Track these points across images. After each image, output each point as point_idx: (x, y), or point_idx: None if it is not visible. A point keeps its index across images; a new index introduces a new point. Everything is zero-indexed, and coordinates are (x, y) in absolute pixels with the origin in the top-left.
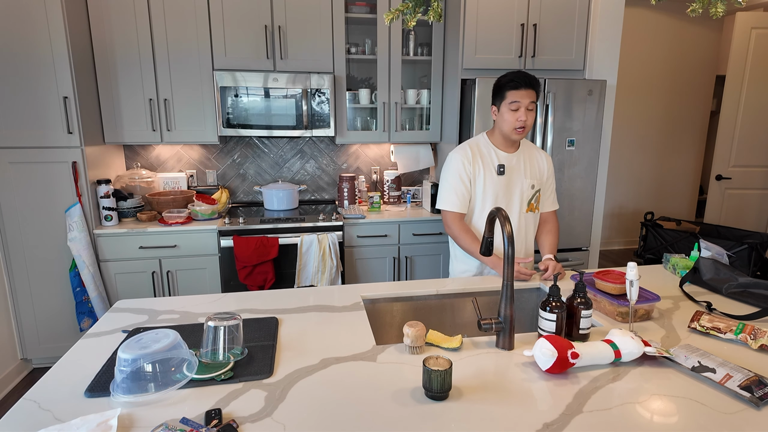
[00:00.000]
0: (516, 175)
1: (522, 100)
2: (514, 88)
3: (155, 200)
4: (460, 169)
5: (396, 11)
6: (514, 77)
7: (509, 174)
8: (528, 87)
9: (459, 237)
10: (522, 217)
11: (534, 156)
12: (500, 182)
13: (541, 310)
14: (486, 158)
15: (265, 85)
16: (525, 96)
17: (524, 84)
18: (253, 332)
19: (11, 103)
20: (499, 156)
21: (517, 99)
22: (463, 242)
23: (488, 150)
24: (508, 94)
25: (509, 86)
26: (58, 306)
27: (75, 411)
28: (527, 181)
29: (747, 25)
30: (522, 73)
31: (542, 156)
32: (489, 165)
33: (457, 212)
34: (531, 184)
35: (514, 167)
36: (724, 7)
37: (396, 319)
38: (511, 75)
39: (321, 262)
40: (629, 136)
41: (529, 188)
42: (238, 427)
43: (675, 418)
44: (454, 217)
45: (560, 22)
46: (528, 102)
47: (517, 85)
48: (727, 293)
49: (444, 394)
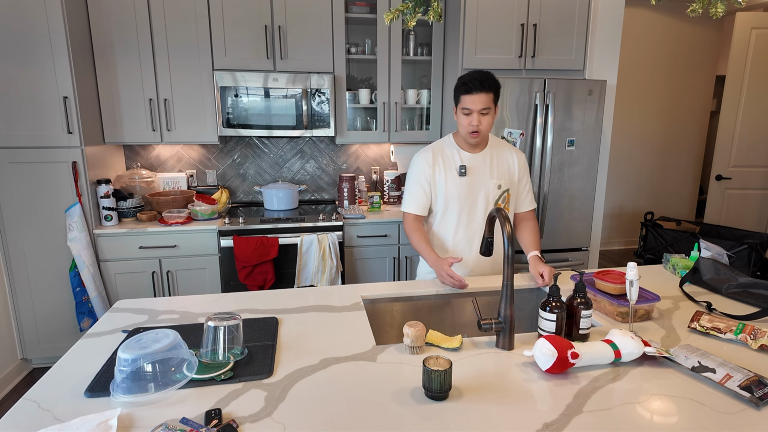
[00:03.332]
0: (480, 175)
1: (473, 106)
2: (466, 93)
3: (155, 200)
4: (419, 174)
5: (396, 11)
6: (468, 80)
7: (472, 175)
8: (481, 91)
9: (409, 236)
10: None
11: (503, 155)
12: (462, 183)
13: (541, 310)
14: (448, 160)
15: (265, 85)
16: (477, 101)
17: (477, 88)
18: (253, 332)
19: (11, 103)
20: (462, 157)
21: (468, 105)
22: (412, 240)
23: (452, 151)
24: (461, 98)
25: (462, 90)
26: (58, 306)
27: (75, 411)
28: (493, 181)
29: (747, 25)
30: (477, 75)
31: (513, 154)
32: (451, 167)
33: (414, 214)
34: (497, 185)
35: (478, 167)
36: (724, 7)
37: (396, 319)
38: (466, 77)
39: (321, 262)
40: (629, 136)
41: (495, 188)
42: (238, 427)
43: (675, 418)
44: (410, 219)
45: (560, 22)
46: (480, 107)
47: (469, 90)
48: (727, 293)
49: (444, 394)
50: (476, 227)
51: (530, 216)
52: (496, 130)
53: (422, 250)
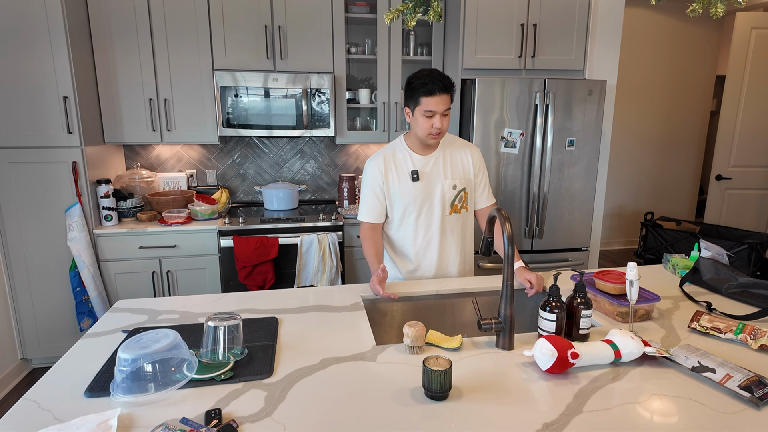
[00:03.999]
0: (433, 177)
1: (437, 108)
2: (428, 94)
3: (155, 200)
4: (372, 182)
5: (396, 11)
6: (429, 81)
7: (425, 178)
8: (443, 92)
9: (362, 243)
10: (445, 221)
11: (456, 153)
12: (417, 188)
13: (541, 310)
14: (400, 165)
15: (265, 85)
16: (440, 103)
17: (439, 89)
18: (253, 332)
19: (11, 103)
20: (414, 161)
21: (431, 108)
22: (363, 248)
23: (403, 155)
24: (422, 100)
25: (423, 91)
26: (58, 306)
27: (75, 411)
28: (447, 181)
29: (747, 25)
30: (437, 75)
31: (467, 151)
32: (403, 172)
33: (369, 223)
34: (452, 185)
35: (430, 170)
36: (724, 7)
37: (396, 319)
38: (425, 77)
39: (321, 262)
40: (629, 136)
41: (450, 189)
42: (238, 427)
43: (675, 418)
44: (365, 227)
45: (560, 22)
46: (443, 109)
47: (431, 91)
48: (727, 293)
49: (444, 394)
50: (434, 230)
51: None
52: (495, 130)
53: (370, 261)
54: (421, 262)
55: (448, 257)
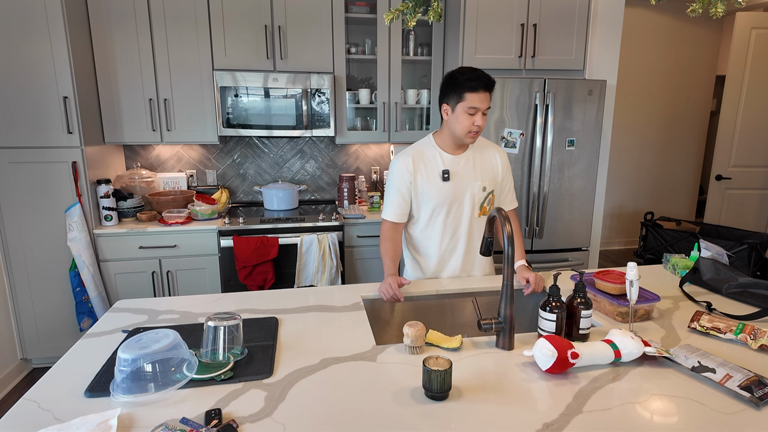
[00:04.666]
0: (464, 178)
1: (481, 105)
2: (474, 90)
3: (155, 200)
4: (399, 181)
5: (396, 11)
6: (475, 77)
7: (456, 178)
8: (487, 90)
9: (381, 243)
10: (473, 223)
11: (485, 154)
12: (447, 188)
13: (541, 310)
14: (430, 164)
15: (265, 85)
16: (485, 100)
17: (484, 86)
18: (253, 332)
19: (11, 103)
20: (445, 160)
21: (476, 104)
22: (381, 248)
23: (433, 155)
24: (467, 96)
25: (469, 87)
26: (58, 306)
27: (75, 411)
28: (477, 183)
29: (747, 25)
30: (481, 73)
31: (495, 153)
32: (433, 172)
33: (391, 222)
34: (482, 186)
35: (461, 170)
36: (724, 7)
37: (396, 319)
38: (469, 73)
39: (321, 262)
40: (629, 136)
41: (480, 191)
42: (238, 427)
43: (675, 418)
44: (386, 226)
45: (560, 22)
46: (486, 107)
47: (477, 87)
48: (727, 293)
49: (444, 394)
50: (462, 232)
51: (512, 216)
52: (495, 130)
53: (385, 261)
54: (446, 263)
55: (474, 259)
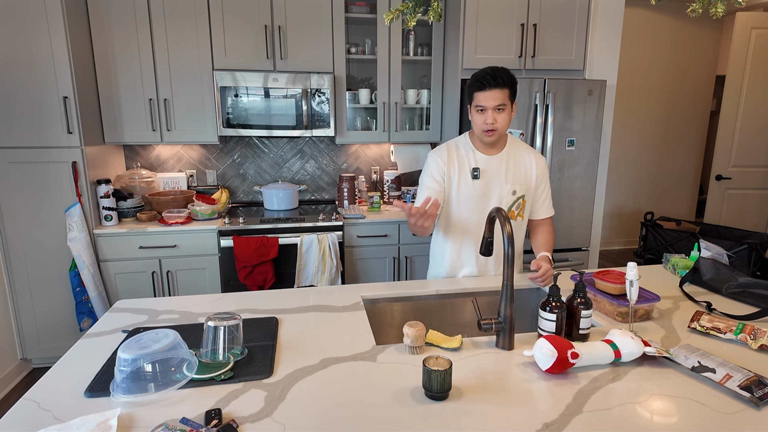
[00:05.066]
0: (493, 179)
1: (487, 103)
2: (479, 89)
3: (155, 200)
4: (434, 169)
5: (396, 11)
6: (481, 76)
7: (486, 178)
8: (495, 87)
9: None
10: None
11: (521, 159)
12: (475, 187)
13: (541, 310)
14: (463, 160)
15: (265, 85)
16: (491, 98)
17: (490, 84)
18: (253, 332)
19: (11, 103)
20: (477, 158)
21: (481, 103)
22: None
23: (467, 151)
24: (474, 95)
25: (474, 87)
26: (58, 306)
27: (75, 411)
28: (507, 186)
29: (747, 25)
30: (490, 71)
31: (532, 158)
32: (464, 168)
33: None
34: (512, 190)
35: (493, 170)
36: (724, 7)
37: (396, 319)
38: (479, 73)
39: (321, 262)
40: (629, 136)
41: (510, 194)
42: (238, 427)
43: (675, 418)
44: None
45: (560, 22)
46: (495, 104)
47: (482, 86)
48: (727, 293)
49: (444, 394)
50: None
51: (548, 224)
52: None
53: None
54: (466, 262)
55: (494, 260)
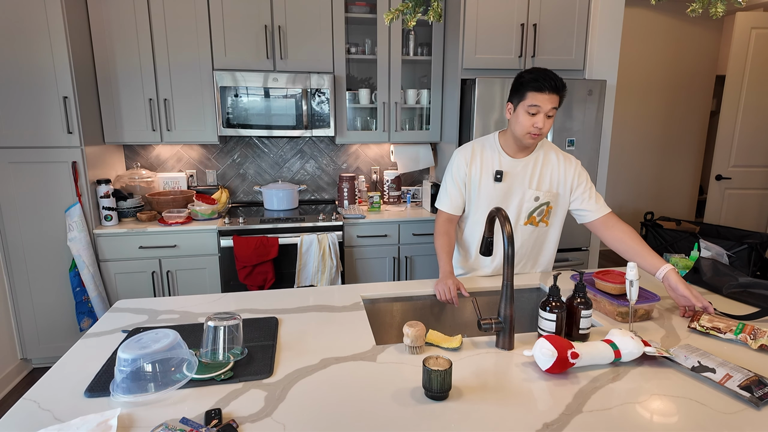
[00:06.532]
0: (516, 183)
1: (543, 105)
2: (537, 90)
3: (155, 200)
4: (456, 173)
5: (396, 11)
6: (540, 77)
7: (509, 181)
8: (553, 91)
9: (435, 237)
10: (518, 230)
11: (550, 164)
12: (497, 190)
13: (541, 310)
14: (487, 162)
15: (265, 85)
16: (547, 101)
17: (549, 87)
18: (253, 332)
19: (11, 103)
20: (503, 161)
21: (537, 103)
22: (436, 243)
23: (493, 152)
24: (528, 95)
25: (531, 86)
26: (58, 306)
27: (75, 411)
28: (530, 191)
29: (747, 25)
30: (549, 73)
31: (562, 164)
32: (488, 170)
33: (446, 213)
34: (535, 196)
35: (517, 175)
36: (724, 7)
37: (396, 319)
38: (536, 73)
39: (321, 262)
40: (629, 136)
41: (532, 200)
42: (238, 427)
43: (675, 418)
44: (442, 218)
45: (560, 22)
46: (549, 108)
47: (541, 87)
48: (727, 293)
49: (444, 394)
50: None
51: (614, 220)
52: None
53: (441, 257)
54: (482, 263)
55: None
